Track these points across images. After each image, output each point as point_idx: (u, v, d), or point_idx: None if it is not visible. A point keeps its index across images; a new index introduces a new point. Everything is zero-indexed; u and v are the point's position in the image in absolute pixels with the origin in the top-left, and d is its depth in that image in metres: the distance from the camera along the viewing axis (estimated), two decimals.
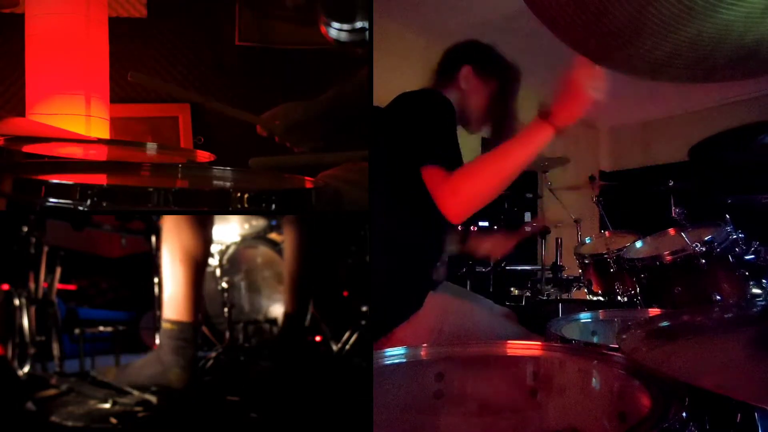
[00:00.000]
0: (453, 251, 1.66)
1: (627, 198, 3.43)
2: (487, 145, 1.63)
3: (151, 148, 1.32)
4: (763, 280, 1.49)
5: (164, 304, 1.25)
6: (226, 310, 1.61)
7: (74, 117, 1.57)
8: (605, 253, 2.10)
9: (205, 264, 1.31)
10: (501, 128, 1.57)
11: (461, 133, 1.49)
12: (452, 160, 1.27)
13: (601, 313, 1.37)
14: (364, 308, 1.52)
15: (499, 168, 1.22)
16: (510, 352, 0.94)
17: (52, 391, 1.19)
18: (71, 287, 1.90)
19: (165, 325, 1.23)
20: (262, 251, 1.74)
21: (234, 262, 1.73)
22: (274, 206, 0.96)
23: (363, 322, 1.48)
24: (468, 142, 1.55)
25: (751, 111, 4.47)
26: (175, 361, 1.19)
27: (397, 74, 1.72)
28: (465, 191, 1.21)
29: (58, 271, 1.53)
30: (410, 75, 1.69)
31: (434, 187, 1.23)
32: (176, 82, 2.01)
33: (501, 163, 1.23)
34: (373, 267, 1.38)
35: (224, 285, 1.64)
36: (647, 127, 5.44)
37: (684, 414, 0.59)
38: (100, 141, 1.50)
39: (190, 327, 1.23)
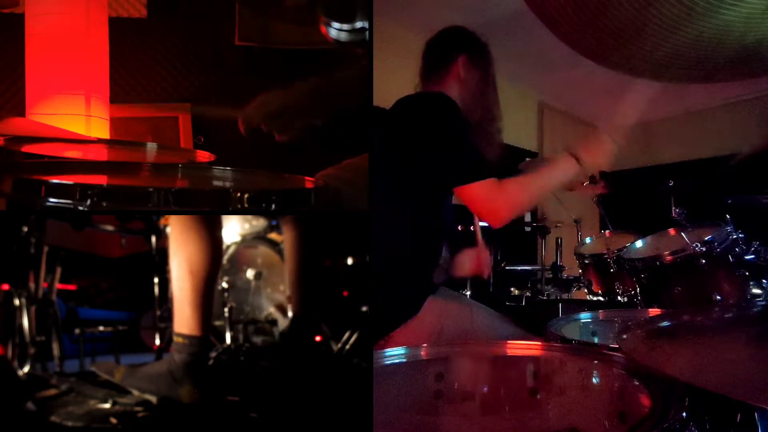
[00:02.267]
0: (441, 279, 1.67)
1: (627, 198, 3.43)
2: None
3: (151, 148, 1.32)
4: (763, 280, 1.49)
5: (174, 318, 1.25)
6: (226, 310, 1.61)
7: (74, 117, 1.57)
8: (605, 253, 2.10)
9: (215, 276, 1.30)
10: (495, 112, 1.57)
11: None
12: (488, 168, 1.38)
13: (601, 313, 1.37)
14: (364, 308, 1.52)
15: (542, 186, 1.46)
16: (510, 352, 0.94)
17: (52, 391, 1.19)
18: (71, 287, 1.90)
19: (176, 339, 1.23)
20: (262, 251, 1.74)
21: (234, 262, 1.73)
22: (274, 206, 0.96)
23: (363, 323, 1.48)
24: None
25: (751, 111, 4.47)
26: (186, 376, 1.18)
27: (397, 74, 1.72)
28: (520, 205, 1.41)
29: (58, 271, 1.53)
30: (410, 74, 1.68)
31: (488, 198, 1.35)
32: (176, 82, 2.01)
33: (543, 182, 1.46)
34: (373, 270, 1.38)
35: (224, 285, 1.64)
36: (647, 127, 5.43)
37: (684, 414, 0.59)
38: (100, 141, 1.50)
39: (200, 341, 1.23)
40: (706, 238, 1.53)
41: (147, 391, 1.16)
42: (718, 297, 1.50)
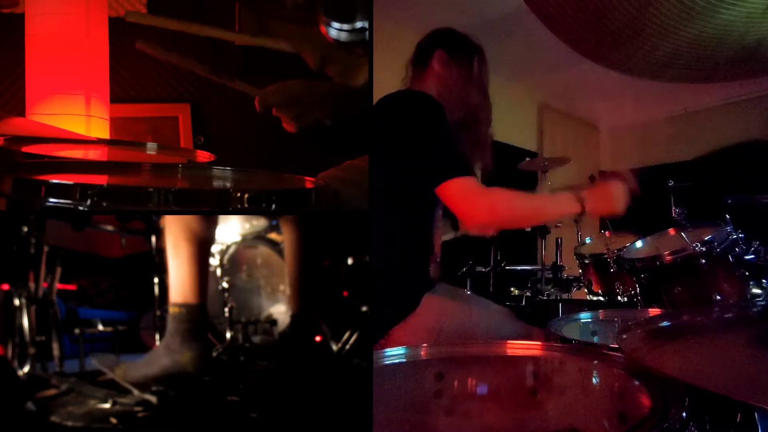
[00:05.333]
0: (454, 236, 1.66)
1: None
2: None
3: (151, 148, 1.32)
4: (763, 280, 1.49)
5: (170, 288, 1.23)
6: (226, 310, 1.61)
7: (74, 117, 1.57)
8: (605, 253, 2.10)
9: (210, 243, 1.28)
10: (479, 114, 1.56)
11: None
12: (469, 166, 1.37)
13: (601, 313, 1.37)
14: (364, 308, 1.52)
15: (532, 211, 1.43)
16: (510, 352, 0.94)
17: (52, 391, 1.19)
18: (71, 287, 1.90)
19: (172, 310, 1.21)
20: (262, 251, 1.74)
21: (234, 262, 1.72)
22: (274, 206, 0.96)
23: (363, 323, 1.48)
24: None
25: (751, 111, 4.47)
26: (186, 345, 1.17)
27: (397, 74, 1.72)
28: (500, 213, 1.34)
29: (58, 271, 1.53)
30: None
31: (466, 197, 1.30)
32: (176, 82, 2.01)
33: (534, 208, 1.43)
34: (372, 268, 1.38)
35: (224, 285, 1.64)
36: (647, 127, 5.44)
37: (684, 414, 0.59)
38: (100, 141, 1.50)
39: (197, 308, 1.21)
40: (706, 238, 1.53)
41: (152, 377, 1.15)
42: (718, 297, 1.50)
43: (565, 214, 1.42)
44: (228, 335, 1.58)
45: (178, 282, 1.22)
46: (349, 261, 1.65)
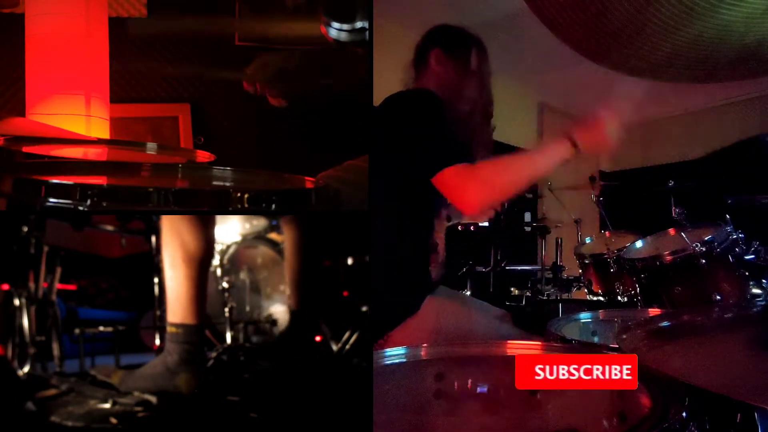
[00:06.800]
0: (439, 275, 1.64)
1: (627, 198, 3.43)
2: None
3: (151, 148, 1.32)
4: (763, 280, 1.49)
5: (168, 308, 1.24)
6: (226, 310, 1.61)
7: (74, 117, 1.57)
8: (605, 253, 2.10)
9: (208, 264, 1.29)
10: (476, 107, 1.55)
11: None
12: (468, 154, 1.31)
13: (601, 313, 1.37)
14: (364, 308, 1.52)
15: (524, 169, 1.32)
16: (510, 352, 0.94)
17: (52, 391, 1.19)
18: (71, 287, 1.90)
19: (170, 329, 1.22)
20: (262, 251, 1.74)
21: (234, 262, 1.73)
22: (274, 206, 0.96)
23: (363, 323, 1.48)
24: None
25: (751, 111, 4.47)
26: (182, 366, 1.18)
27: (397, 74, 1.72)
28: (494, 185, 1.28)
29: (58, 271, 1.53)
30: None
31: (458, 181, 1.26)
32: (176, 82, 2.01)
33: (526, 164, 1.32)
34: (372, 269, 1.38)
35: (224, 285, 1.64)
36: (647, 127, 5.43)
37: (684, 414, 0.59)
38: (100, 141, 1.50)
39: (194, 329, 1.22)
40: (706, 238, 1.54)
41: (146, 391, 1.15)
42: (718, 297, 1.50)
43: (561, 161, 1.32)
44: (228, 335, 1.59)
45: (176, 303, 1.22)
46: (349, 261, 1.65)
